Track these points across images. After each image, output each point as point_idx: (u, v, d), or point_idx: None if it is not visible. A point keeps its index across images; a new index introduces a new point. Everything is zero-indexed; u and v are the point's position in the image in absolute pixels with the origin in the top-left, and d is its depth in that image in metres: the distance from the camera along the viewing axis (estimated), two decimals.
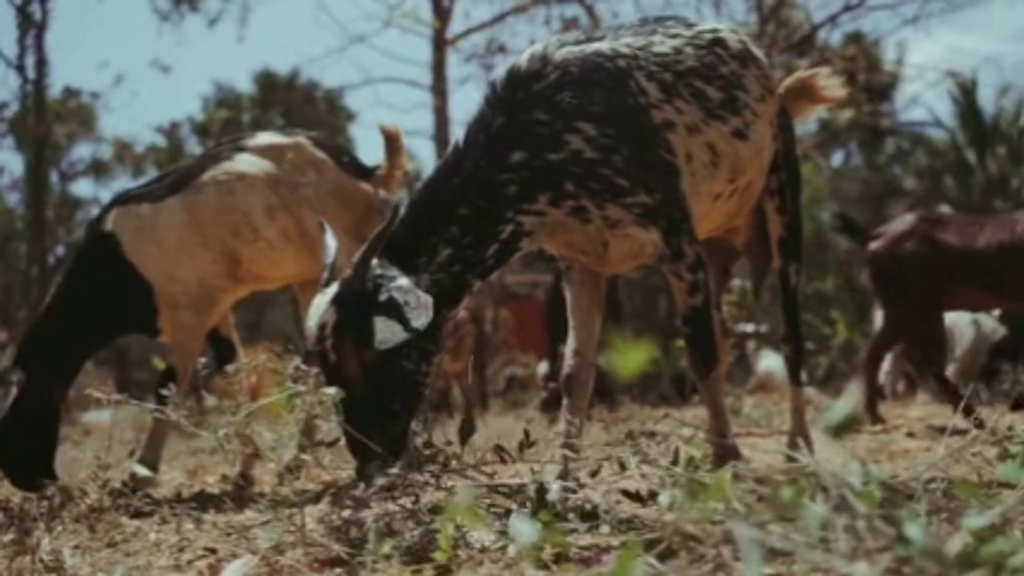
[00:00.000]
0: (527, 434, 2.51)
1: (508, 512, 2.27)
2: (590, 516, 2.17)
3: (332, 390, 2.38)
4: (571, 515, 2.21)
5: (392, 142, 4.40)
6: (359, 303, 2.48)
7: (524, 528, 1.09)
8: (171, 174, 4.42)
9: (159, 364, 4.29)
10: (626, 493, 2.30)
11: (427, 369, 2.61)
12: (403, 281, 2.51)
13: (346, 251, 4.00)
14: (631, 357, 1.04)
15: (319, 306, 2.53)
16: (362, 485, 2.40)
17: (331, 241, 2.77)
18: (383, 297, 2.47)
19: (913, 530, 1.04)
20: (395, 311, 2.46)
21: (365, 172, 4.40)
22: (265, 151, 4.30)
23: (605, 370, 7.12)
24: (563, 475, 2.63)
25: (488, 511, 2.28)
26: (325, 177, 4.27)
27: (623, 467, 2.40)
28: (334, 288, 2.54)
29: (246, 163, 4.26)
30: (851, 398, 1.24)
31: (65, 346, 4.09)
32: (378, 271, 2.53)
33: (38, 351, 4.05)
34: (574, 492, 2.34)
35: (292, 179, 4.23)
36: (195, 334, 4.16)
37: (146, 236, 4.12)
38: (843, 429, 1.20)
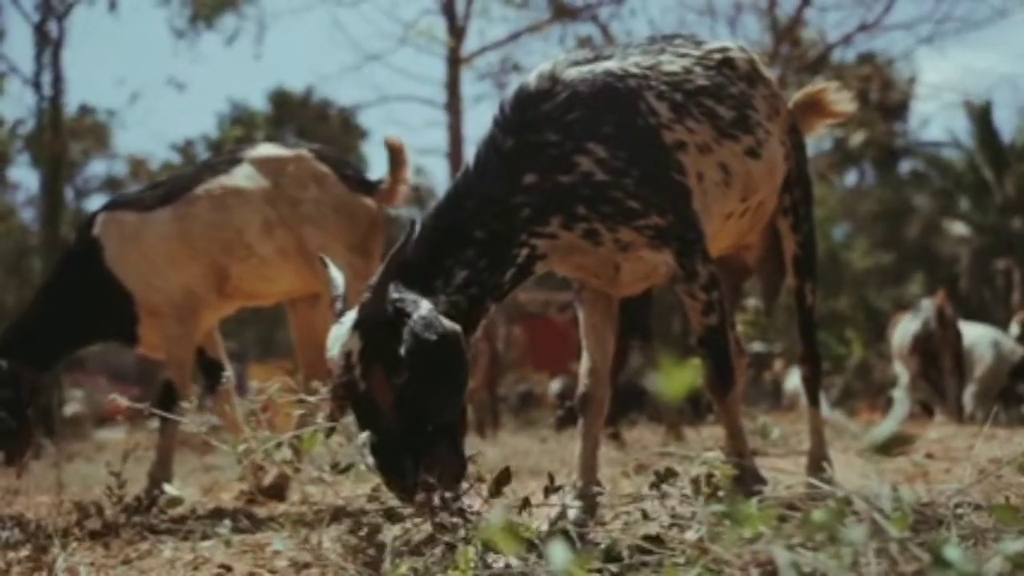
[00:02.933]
0: (552, 478, 2.45)
1: (531, 544, 2.24)
2: (614, 558, 2.13)
3: (364, 435, 2.33)
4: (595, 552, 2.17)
5: (396, 156, 4.34)
6: (382, 329, 2.40)
7: (560, 553, 1.07)
8: (166, 183, 4.35)
9: None
10: (648, 538, 2.25)
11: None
12: (425, 309, 2.43)
13: (352, 268, 3.95)
14: (677, 379, 1.02)
15: (339, 336, 2.43)
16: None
17: (335, 272, 2.67)
18: (411, 349, 2.36)
19: (953, 553, 1.02)
20: (429, 365, 2.37)
21: (368, 186, 4.33)
22: (265, 163, 4.23)
23: (619, 388, 7.10)
24: (587, 509, 2.60)
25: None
26: (328, 192, 4.20)
27: (645, 515, 2.35)
28: (352, 315, 2.45)
29: (243, 177, 4.18)
30: (895, 418, 1.21)
31: (43, 341, 4.06)
32: (395, 295, 2.45)
33: (17, 340, 4.04)
34: (595, 533, 2.29)
35: (293, 194, 4.16)
36: (184, 343, 4.10)
37: (129, 245, 4.06)
38: (886, 450, 1.18)
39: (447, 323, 2.44)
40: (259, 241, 4.12)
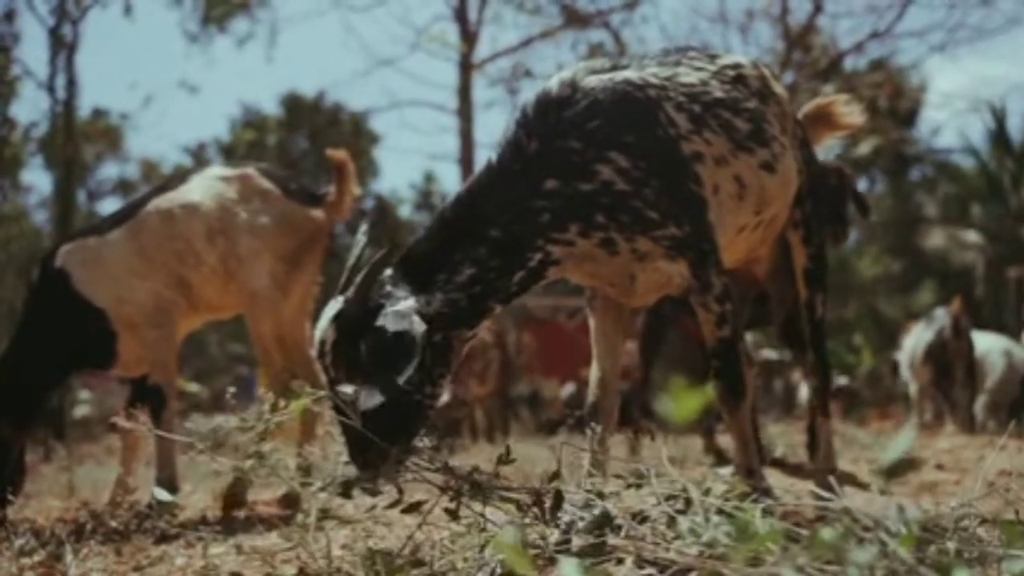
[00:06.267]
0: (508, 450, 2.47)
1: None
2: (608, 530, 2.13)
3: (349, 388, 2.37)
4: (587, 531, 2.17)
5: (340, 169, 4.51)
6: (359, 323, 2.45)
7: (571, 570, 1.08)
8: (121, 208, 4.55)
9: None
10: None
11: (432, 391, 2.54)
12: (404, 305, 2.47)
13: (273, 276, 4.25)
14: (686, 403, 1.03)
15: (327, 315, 2.51)
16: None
17: (361, 236, 2.71)
18: (370, 342, 2.42)
19: (961, 575, 1.02)
20: (382, 358, 2.41)
21: (314, 199, 4.50)
22: (212, 180, 4.42)
23: (629, 396, 7.09)
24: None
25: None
26: (270, 205, 4.37)
27: (638, 486, 2.35)
28: (340, 302, 2.51)
29: (190, 192, 4.36)
30: (907, 437, 1.21)
31: (26, 386, 4.15)
32: (387, 288, 2.51)
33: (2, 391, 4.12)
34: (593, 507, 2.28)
35: (235, 207, 4.33)
36: (164, 347, 4.22)
37: (93, 266, 4.20)
38: (897, 471, 1.18)
39: (416, 322, 2.46)
40: (205, 250, 4.29)
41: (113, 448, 8.80)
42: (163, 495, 3.13)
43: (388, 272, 2.56)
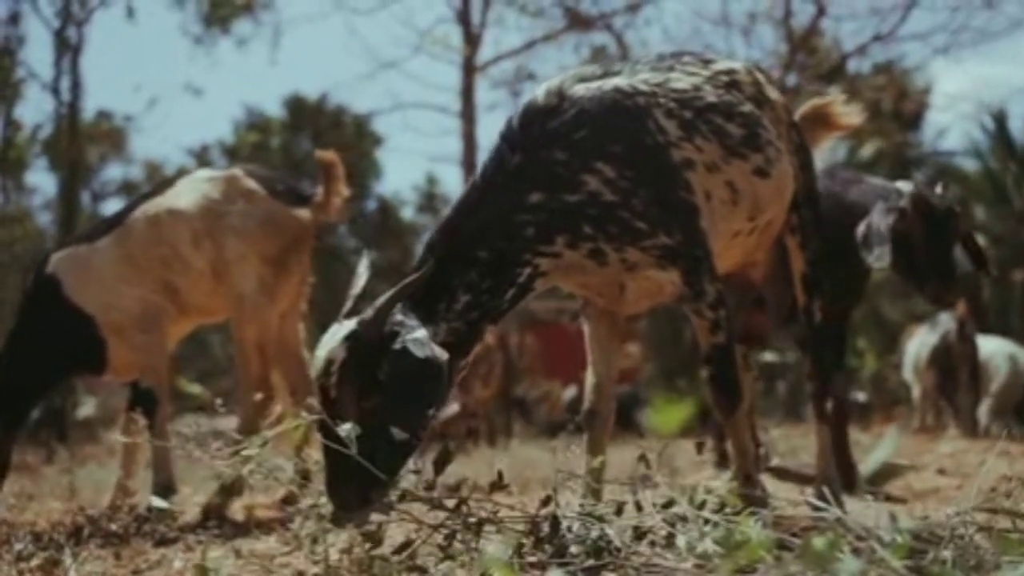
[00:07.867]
0: (501, 475, 2.46)
1: (520, 546, 2.26)
2: (605, 552, 2.13)
3: (348, 426, 2.32)
4: (585, 552, 2.17)
5: (329, 170, 4.52)
6: (371, 348, 2.40)
7: None
8: (111, 215, 4.60)
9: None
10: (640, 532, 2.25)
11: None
12: (421, 333, 2.43)
13: (260, 280, 4.26)
14: (671, 414, 1.03)
15: (332, 336, 2.44)
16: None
17: (363, 270, 2.67)
18: (394, 366, 2.37)
19: None
20: (407, 383, 2.38)
21: (301, 200, 4.52)
22: (197, 183, 4.44)
23: (629, 400, 7.07)
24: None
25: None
26: (256, 205, 4.39)
27: (640, 508, 2.35)
28: (351, 324, 2.45)
29: (176, 196, 4.39)
30: (890, 444, 1.21)
31: (18, 389, 4.21)
32: (397, 316, 2.45)
33: None
34: (590, 527, 2.28)
35: (220, 208, 4.35)
36: (153, 350, 4.26)
37: (83, 273, 4.24)
38: (880, 479, 1.18)
39: (437, 350, 2.42)
40: (192, 254, 4.32)
41: (115, 449, 8.80)
42: (159, 503, 3.13)
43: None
